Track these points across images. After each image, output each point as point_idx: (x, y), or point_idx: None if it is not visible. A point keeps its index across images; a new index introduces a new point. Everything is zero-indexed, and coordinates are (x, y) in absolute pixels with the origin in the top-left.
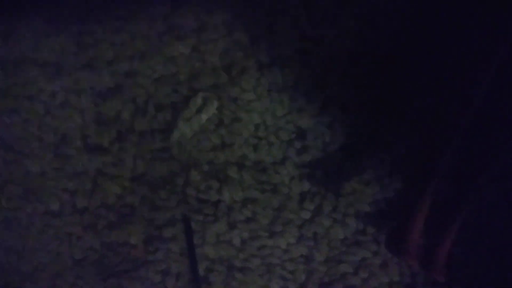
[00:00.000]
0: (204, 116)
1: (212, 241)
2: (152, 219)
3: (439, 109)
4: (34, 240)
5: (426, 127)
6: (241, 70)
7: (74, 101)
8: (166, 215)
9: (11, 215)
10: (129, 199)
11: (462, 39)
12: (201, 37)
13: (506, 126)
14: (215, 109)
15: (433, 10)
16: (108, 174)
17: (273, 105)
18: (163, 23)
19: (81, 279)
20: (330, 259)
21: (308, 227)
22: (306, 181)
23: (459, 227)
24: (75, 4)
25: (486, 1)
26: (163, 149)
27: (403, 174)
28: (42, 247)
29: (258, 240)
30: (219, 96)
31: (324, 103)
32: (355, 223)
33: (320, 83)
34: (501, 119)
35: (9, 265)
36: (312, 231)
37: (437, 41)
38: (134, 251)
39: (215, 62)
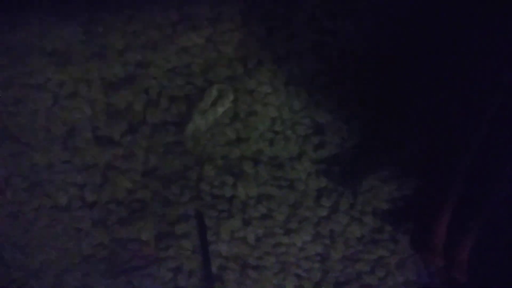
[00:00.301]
0: (219, 109)
1: (226, 238)
2: (164, 215)
3: (462, 104)
4: (40, 235)
5: (447, 124)
6: (257, 62)
7: (84, 92)
8: (178, 210)
9: (17, 209)
10: (141, 194)
11: (486, 36)
12: (217, 27)
13: None
14: (230, 102)
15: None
16: (118, 167)
17: (290, 98)
18: (177, 12)
19: (89, 276)
20: (347, 258)
21: (325, 224)
22: (323, 178)
23: (480, 226)
24: None
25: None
26: (176, 143)
27: (421, 171)
28: (49, 242)
29: (273, 238)
30: (235, 88)
31: (342, 97)
32: (372, 221)
33: (338, 77)
34: None
35: (15, 261)
36: (329, 229)
37: (465, 35)
38: (145, 248)
39: (231, 53)
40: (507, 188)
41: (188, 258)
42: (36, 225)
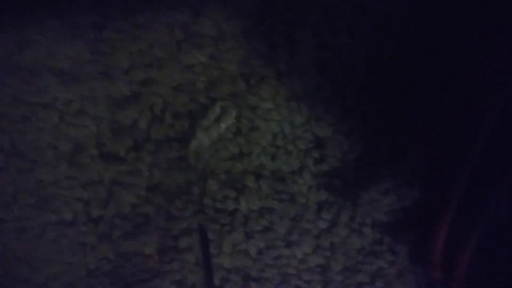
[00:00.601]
0: (222, 126)
1: (228, 251)
2: (168, 229)
3: (459, 117)
4: (46, 250)
5: (445, 136)
6: (259, 79)
7: (90, 110)
8: (182, 225)
9: (23, 225)
10: (145, 208)
11: (482, 50)
12: (219, 45)
13: None
14: (233, 118)
15: (451, 18)
16: (123, 183)
17: (292, 114)
18: (181, 31)
19: None
20: (347, 269)
21: (325, 236)
22: (323, 191)
23: (479, 239)
24: (90, 11)
25: None
26: (180, 158)
27: (421, 183)
28: (54, 257)
29: (275, 250)
30: (238, 105)
31: (343, 112)
32: (372, 232)
33: (338, 92)
34: None
35: (20, 276)
36: (329, 241)
37: (457, 52)
38: (149, 261)
39: (234, 70)
40: (506, 201)
41: (191, 271)
42: (42, 240)
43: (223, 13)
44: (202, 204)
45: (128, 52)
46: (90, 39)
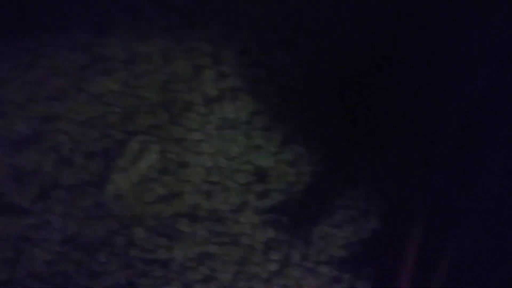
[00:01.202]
0: (143, 164)
1: None
2: None
3: (419, 140)
4: None
5: (405, 159)
6: (184, 106)
7: None
8: (107, 282)
9: None
10: (62, 265)
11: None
12: (133, 69)
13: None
14: (156, 154)
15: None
16: (33, 238)
17: (226, 144)
18: (85, 54)
19: None
20: None
21: (276, 280)
22: (270, 229)
23: (446, 271)
24: None
25: None
26: (97, 205)
27: (379, 212)
28: None
29: None
30: (160, 138)
31: (285, 138)
32: (328, 270)
33: (278, 115)
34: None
35: None
36: (281, 284)
37: (411, 64)
38: None
39: (153, 98)
40: (472, 227)
41: None
42: None
43: (135, 31)
44: (129, 256)
45: (23, 83)
46: None
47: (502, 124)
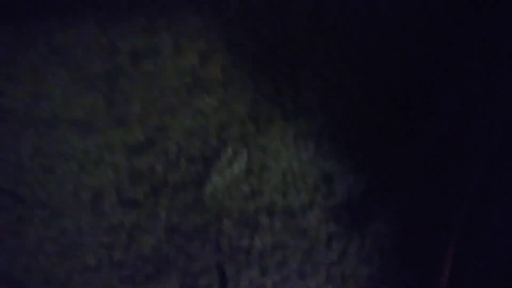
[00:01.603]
0: (236, 168)
1: (245, 286)
2: (187, 268)
3: (457, 150)
4: None
5: (446, 165)
6: (267, 120)
7: (107, 158)
8: (200, 264)
9: (50, 274)
10: (165, 250)
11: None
12: (228, 89)
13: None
14: (246, 159)
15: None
16: (143, 226)
17: (299, 151)
18: (190, 77)
19: None
20: None
21: (336, 267)
22: (333, 224)
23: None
24: (103, 62)
25: None
26: (196, 201)
27: (424, 214)
28: None
29: (289, 283)
30: (248, 146)
31: (348, 147)
32: (380, 260)
33: (343, 128)
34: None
35: None
36: (340, 271)
37: (459, 83)
38: None
39: (243, 113)
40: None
41: None
42: (68, 286)
43: (230, 58)
44: (219, 242)
45: (141, 100)
46: (104, 89)
47: None
